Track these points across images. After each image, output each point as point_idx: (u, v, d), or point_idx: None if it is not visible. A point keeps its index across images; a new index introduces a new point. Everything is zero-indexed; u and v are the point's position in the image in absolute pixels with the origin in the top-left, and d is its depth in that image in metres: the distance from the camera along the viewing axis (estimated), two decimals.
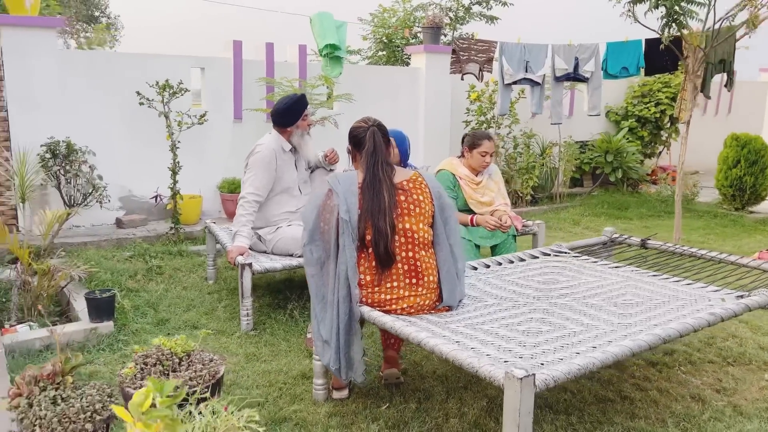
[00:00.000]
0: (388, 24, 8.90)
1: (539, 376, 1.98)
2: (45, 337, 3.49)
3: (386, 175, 2.74)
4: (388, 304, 2.67)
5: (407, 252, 2.69)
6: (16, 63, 5.62)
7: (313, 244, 2.72)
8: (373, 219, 2.64)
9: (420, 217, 2.74)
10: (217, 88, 6.74)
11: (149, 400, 1.15)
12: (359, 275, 2.65)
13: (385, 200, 2.67)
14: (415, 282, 2.70)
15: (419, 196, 2.77)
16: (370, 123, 2.88)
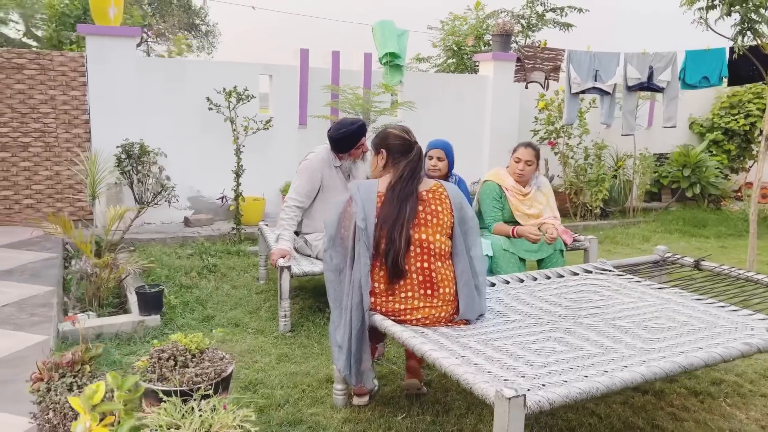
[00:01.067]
0: (458, 32, 8.85)
1: (532, 397, 1.92)
2: (97, 326, 3.72)
3: (416, 189, 2.75)
4: (403, 313, 2.67)
5: (422, 263, 2.68)
6: (98, 69, 6.04)
7: (333, 249, 2.76)
8: (389, 229, 2.65)
9: (437, 228, 2.72)
10: (284, 95, 6.95)
11: (100, 393, 1.22)
12: (374, 284, 2.67)
13: (405, 212, 2.68)
14: (430, 293, 2.68)
15: (437, 206, 2.75)
16: (414, 139, 2.90)
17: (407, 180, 2.74)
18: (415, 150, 2.83)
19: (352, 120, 4.23)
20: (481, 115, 8.21)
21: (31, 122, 5.96)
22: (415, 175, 2.77)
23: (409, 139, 2.88)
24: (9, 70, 5.81)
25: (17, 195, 6.03)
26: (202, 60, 6.30)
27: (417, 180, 2.77)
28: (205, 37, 24.87)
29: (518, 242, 4.24)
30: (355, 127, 4.12)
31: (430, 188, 2.81)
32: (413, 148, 2.84)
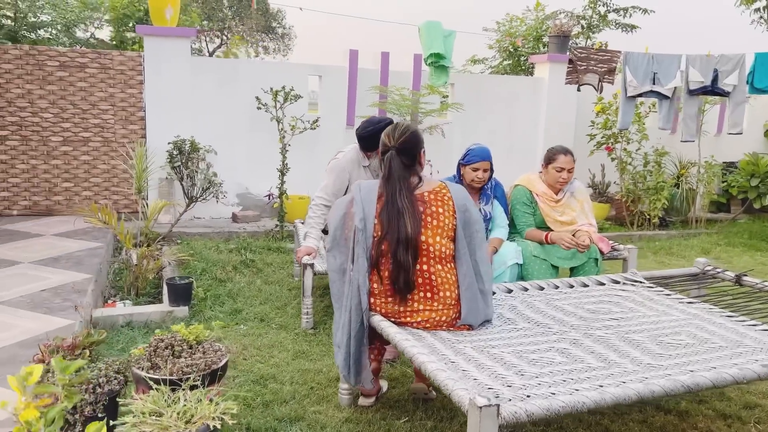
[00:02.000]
0: (515, 33, 8.68)
1: (509, 408, 1.85)
2: (127, 314, 3.87)
3: (408, 202, 2.60)
4: (403, 315, 2.63)
5: (422, 265, 2.61)
6: (154, 68, 6.29)
7: (337, 249, 2.73)
8: (393, 246, 2.55)
9: (438, 230, 2.63)
10: (333, 95, 7.02)
11: (36, 375, 1.26)
12: (373, 285, 2.63)
13: (406, 228, 2.55)
14: (430, 296, 2.62)
15: (439, 208, 2.66)
16: (392, 143, 2.69)
17: (393, 192, 2.60)
18: (385, 157, 2.67)
19: (380, 118, 4.21)
20: (535, 118, 8.01)
21: (91, 118, 6.28)
22: (398, 185, 2.60)
23: (386, 142, 2.71)
24: (72, 69, 6.14)
25: (77, 187, 6.36)
26: (254, 60, 6.48)
27: (404, 187, 2.61)
28: (281, 40, 25.49)
29: (551, 249, 4.09)
30: (382, 125, 4.08)
31: (432, 189, 2.71)
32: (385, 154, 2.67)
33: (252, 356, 3.52)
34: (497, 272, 3.96)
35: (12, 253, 4.67)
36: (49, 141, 6.19)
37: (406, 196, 2.61)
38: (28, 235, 5.31)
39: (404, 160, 2.68)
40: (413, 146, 2.73)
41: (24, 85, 6.04)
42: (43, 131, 6.15)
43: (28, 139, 6.13)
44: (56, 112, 6.16)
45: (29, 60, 6.01)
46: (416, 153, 2.75)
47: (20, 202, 6.18)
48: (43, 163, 6.21)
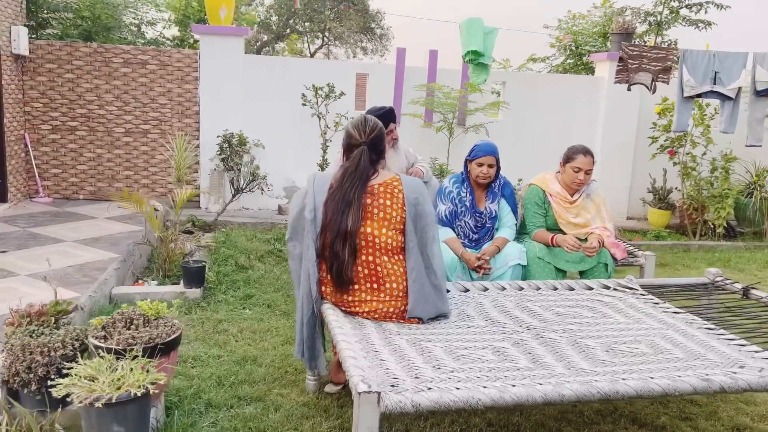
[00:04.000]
0: (578, 31, 8.38)
1: (393, 397, 1.86)
2: (143, 292, 4.15)
3: (357, 197, 2.62)
4: (352, 305, 2.67)
5: (367, 256, 2.62)
6: (209, 65, 6.65)
7: (296, 239, 2.78)
8: (332, 240, 2.59)
9: (384, 222, 2.64)
10: (379, 93, 7.09)
11: None
12: (324, 274, 2.68)
13: (347, 222, 2.58)
14: (376, 287, 2.64)
15: (387, 200, 2.66)
16: (363, 138, 2.72)
17: (347, 186, 2.62)
18: (354, 153, 2.70)
19: (381, 106, 4.30)
20: (593, 119, 7.71)
21: (151, 111, 6.74)
22: (356, 179, 2.63)
23: (357, 137, 2.72)
24: (135, 65, 6.61)
25: (136, 175, 6.84)
26: (303, 59, 6.73)
27: (360, 184, 2.63)
28: (378, 40, 25.92)
29: (559, 252, 3.97)
30: (381, 112, 4.17)
31: (384, 182, 2.70)
32: (357, 147, 2.70)
33: (245, 339, 3.68)
34: (498, 272, 3.89)
35: (62, 233, 5.12)
36: (113, 132, 6.70)
37: (357, 189, 2.63)
38: (84, 218, 5.79)
39: (373, 156, 2.72)
40: (380, 141, 2.77)
41: (92, 81, 6.57)
42: (108, 123, 6.67)
43: (94, 130, 6.67)
44: (120, 106, 6.66)
45: (97, 57, 6.54)
46: (382, 148, 2.79)
47: (86, 188, 6.74)
48: (107, 152, 6.73)
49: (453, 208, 4.02)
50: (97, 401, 2.10)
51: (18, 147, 6.35)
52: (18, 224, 5.36)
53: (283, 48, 27.79)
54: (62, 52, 6.48)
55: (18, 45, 6.10)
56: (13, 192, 6.20)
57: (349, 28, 26.28)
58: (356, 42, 26.89)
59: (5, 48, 5.99)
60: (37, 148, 6.59)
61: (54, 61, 6.47)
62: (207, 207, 6.83)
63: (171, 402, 2.80)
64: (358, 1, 25.07)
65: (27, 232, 5.09)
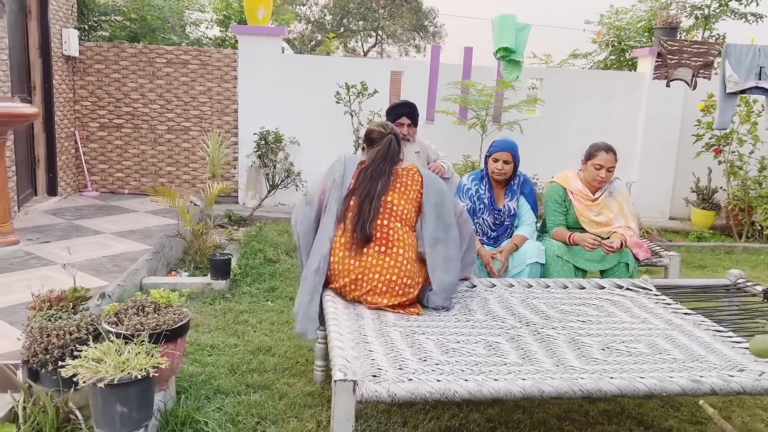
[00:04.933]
0: (621, 26, 8.16)
1: (370, 386, 1.91)
2: (171, 283, 4.33)
3: (389, 171, 2.97)
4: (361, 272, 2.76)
5: (382, 220, 2.83)
6: (247, 64, 6.83)
7: (312, 205, 3.01)
8: (359, 199, 2.87)
9: (403, 195, 2.91)
10: (414, 91, 7.12)
11: None
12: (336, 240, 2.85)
13: (377, 187, 2.89)
14: (384, 251, 2.77)
15: (408, 180, 2.97)
16: (388, 130, 3.12)
17: (380, 161, 2.98)
18: (385, 139, 3.05)
19: (403, 100, 4.55)
20: (635, 115, 7.52)
21: (192, 110, 6.97)
22: (387, 158, 2.99)
23: (383, 131, 3.12)
24: (177, 65, 6.86)
25: (178, 171, 7.10)
26: (338, 57, 6.86)
27: (390, 162, 2.99)
28: (431, 38, 25.94)
29: (578, 250, 3.92)
30: (395, 104, 4.54)
31: (406, 167, 3.05)
32: (384, 137, 3.06)
33: (263, 330, 3.79)
34: (516, 270, 3.89)
35: (103, 225, 5.38)
36: (156, 129, 6.97)
37: (388, 164, 2.99)
38: (125, 211, 6.06)
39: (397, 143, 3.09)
40: (399, 139, 3.14)
41: (137, 80, 6.85)
42: (152, 120, 6.94)
43: (139, 127, 6.95)
44: (162, 104, 6.92)
45: (142, 57, 6.82)
46: (400, 148, 3.14)
47: (131, 183, 7.04)
48: (150, 149, 7.01)
49: (471, 205, 4.03)
50: (100, 382, 2.23)
51: (68, 143, 6.70)
52: (64, 216, 5.66)
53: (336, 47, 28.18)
54: (110, 53, 6.78)
55: (69, 47, 6.43)
56: (63, 186, 6.54)
57: (402, 26, 26.37)
58: (409, 40, 26.97)
59: (57, 50, 6.32)
60: (85, 144, 6.92)
61: (102, 61, 6.78)
62: (244, 202, 7.02)
63: (182, 387, 2.92)
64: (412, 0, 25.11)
65: (71, 224, 5.36)
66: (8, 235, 4.56)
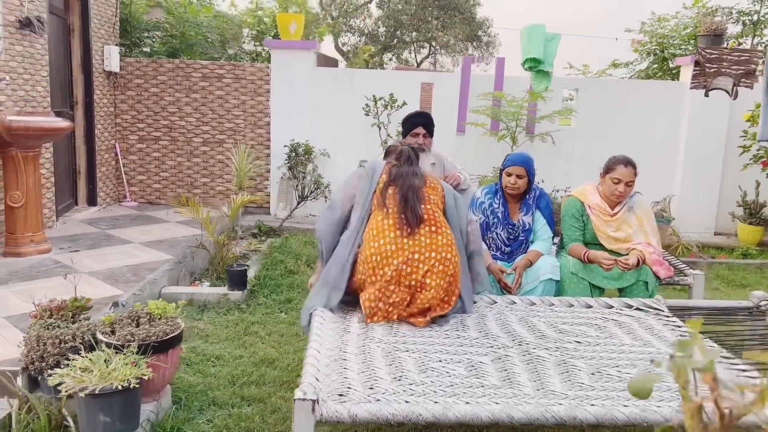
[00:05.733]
0: (664, 34, 7.88)
1: (330, 406, 1.88)
2: (189, 293, 4.42)
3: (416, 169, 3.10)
4: (417, 251, 2.78)
5: (425, 205, 2.92)
6: (279, 77, 6.94)
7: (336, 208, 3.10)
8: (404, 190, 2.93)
9: (434, 206, 2.96)
10: (445, 102, 7.07)
11: None
12: (382, 221, 2.88)
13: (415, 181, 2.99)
14: (434, 230, 2.84)
15: (430, 193, 3.02)
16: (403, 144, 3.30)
17: (405, 162, 3.09)
18: (402, 150, 3.18)
19: (418, 110, 4.51)
20: (676, 126, 7.23)
21: (226, 122, 7.13)
22: (410, 161, 3.11)
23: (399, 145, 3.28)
24: (212, 79, 7.03)
25: (213, 182, 7.26)
26: (368, 70, 6.89)
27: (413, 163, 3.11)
28: (485, 48, 25.80)
29: (594, 267, 3.77)
30: (411, 113, 4.54)
31: (425, 177, 3.10)
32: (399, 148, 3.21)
33: (271, 342, 3.81)
34: (529, 287, 3.77)
35: (133, 235, 5.54)
36: (192, 142, 7.16)
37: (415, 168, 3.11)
38: (158, 221, 6.23)
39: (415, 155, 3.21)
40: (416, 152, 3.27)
41: (174, 94, 7.06)
42: (188, 133, 7.13)
43: (175, 140, 7.15)
44: (198, 117, 7.10)
45: (179, 72, 7.02)
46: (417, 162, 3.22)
47: (168, 193, 7.24)
48: (186, 161, 7.20)
49: (485, 220, 3.95)
50: (82, 391, 2.28)
51: (108, 155, 6.95)
52: (99, 226, 5.86)
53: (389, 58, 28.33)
54: (148, 68, 7.02)
55: (109, 63, 6.69)
56: (102, 196, 6.79)
57: (455, 36, 26.31)
58: (462, 50, 26.87)
59: (98, 66, 6.59)
60: (125, 156, 7.17)
61: (141, 76, 7.03)
62: (276, 213, 7.11)
63: (178, 397, 2.96)
64: (465, 10, 25.05)
65: (104, 234, 5.55)
66: (41, 244, 4.76)
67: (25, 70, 5.18)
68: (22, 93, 5.13)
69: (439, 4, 24.48)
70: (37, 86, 5.38)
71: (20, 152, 4.53)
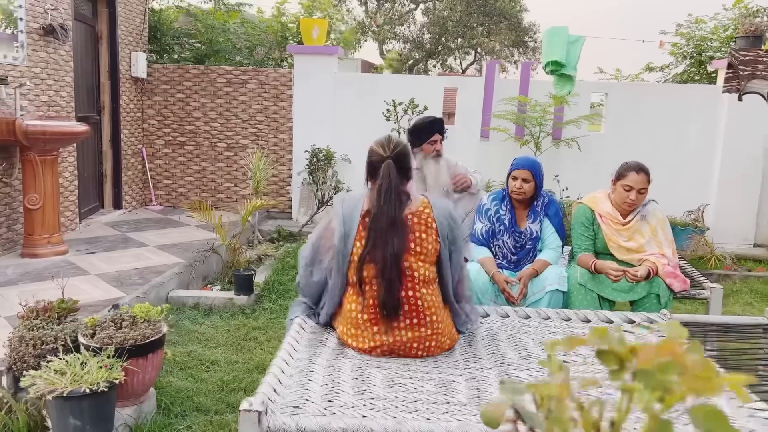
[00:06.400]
0: (702, 36, 7.56)
1: (278, 417, 1.82)
2: (196, 296, 4.43)
3: (398, 214, 2.42)
4: (396, 346, 2.42)
5: (407, 291, 2.40)
6: (302, 83, 6.96)
7: (314, 266, 2.63)
8: (380, 266, 2.38)
9: (421, 256, 2.45)
10: (469, 108, 6.95)
11: None
12: (357, 315, 2.45)
13: (393, 246, 2.37)
14: (416, 322, 2.40)
15: (422, 234, 2.45)
16: (388, 153, 2.52)
17: (387, 206, 2.40)
18: (381, 168, 2.46)
19: (430, 116, 4.34)
20: (712, 131, 6.91)
21: (249, 128, 7.18)
22: (392, 197, 2.41)
23: (383, 153, 2.51)
24: (236, 84, 7.10)
25: (236, 187, 7.32)
26: (391, 75, 6.85)
27: (397, 202, 2.42)
28: (532, 53, 25.54)
29: (604, 278, 3.60)
30: (429, 120, 4.22)
31: (416, 211, 2.49)
32: (381, 164, 2.47)
33: (269, 348, 3.78)
34: (534, 298, 3.64)
35: (150, 238, 5.62)
36: (216, 147, 7.24)
37: (397, 206, 2.42)
38: (178, 225, 6.31)
39: (400, 170, 2.53)
40: (405, 157, 2.58)
41: (199, 99, 7.16)
42: (212, 138, 7.22)
43: (200, 145, 7.25)
44: (222, 122, 7.18)
45: (204, 78, 7.12)
46: (408, 166, 2.60)
47: (192, 198, 7.33)
48: (210, 165, 7.29)
49: (490, 227, 3.84)
50: (50, 394, 2.28)
51: (135, 160, 7.09)
52: (120, 229, 5.97)
53: (433, 65, 28.29)
54: (174, 74, 7.14)
55: (136, 69, 6.83)
56: (128, 200, 6.92)
57: (500, 42, 26.10)
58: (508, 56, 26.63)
59: (125, 72, 6.73)
60: (152, 160, 7.30)
61: (167, 82, 7.15)
62: (297, 218, 7.11)
63: (163, 402, 2.95)
64: (511, 16, 24.83)
65: (123, 236, 5.65)
66: (58, 246, 4.87)
67: (49, 76, 5.32)
68: (45, 98, 5.27)
69: (485, 10, 24.33)
70: (60, 92, 5.52)
71: (38, 156, 4.64)
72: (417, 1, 26.22)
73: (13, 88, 4.73)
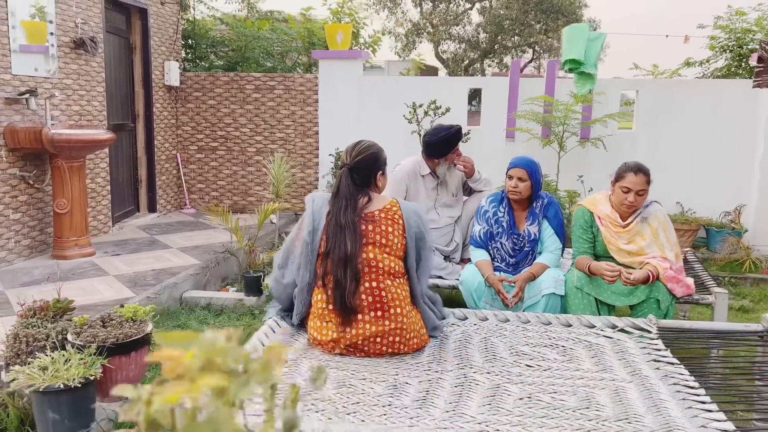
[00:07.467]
0: (744, 29, 7.20)
1: None
2: (208, 297, 4.58)
3: (350, 220, 2.54)
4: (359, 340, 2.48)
5: (371, 282, 2.51)
6: (327, 87, 7.05)
7: (286, 267, 2.75)
8: (334, 266, 2.51)
9: (386, 249, 2.55)
10: (493, 108, 6.88)
11: None
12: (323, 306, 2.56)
13: (346, 248, 2.49)
14: (380, 315, 2.48)
15: (388, 227, 2.58)
16: (347, 160, 2.71)
17: (337, 210, 2.56)
18: (342, 172, 2.66)
19: (450, 125, 4.26)
20: (752, 128, 6.58)
21: (277, 132, 7.34)
22: (342, 202, 2.57)
23: (344, 158, 2.74)
24: (264, 90, 7.27)
25: (265, 190, 7.49)
26: (414, 77, 6.85)
27: (351, 208, 2.56)
28: None
29: (602, 282, 3.52)
30: (452, 131, 4.14)
31: (383, 207, 2.63)
32: (342, 168, 2.67)
33: None
34: (531, 301, 3.60)
35: (175, 240, 5.83)
36: (246, 151, 7.44)
37: (350, 213, 2.56)
38: (206, 227, 6.52)
39: (356, 179, 2.67)
40: (368, 166, 2.72)
41: (230, 105, 7.37)
42: (242, 143, 7.42)
43: (231, 150, 7.46)
44: (252, 128, 7.37)
45: (233, 84, 7.32)
46: (370, 174, 2.72)
47: (224, 201, 7.55)
48: (241, 170, 7.49)
49: (488, 229, 3.81)
50: (29, 389, 2.42)
51: (169, 165, 7.36)
52: (150, 231, 6.22)
53: (488, 65, 28.02)
54: (206, 82, 7.38)
55: (169, 77, 7.10)
56: (162, 204, 7.20)
57: (558, 39, 25.64)
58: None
59: (158, 80, 7.01)
60: (186, 165, 7.56)
61: (200, 89, 7.39)
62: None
63: None
64: (569, 13, 24.36)
65: (151, 239, 5.88)
66: (85, 248, 5.12)
67: (81, 86, 5.61)
68: (77, 108, 5.56)
69: (542, 7, 23.94)
70: (92, 101, 5.80)
71: (65, 163, 4.91)
72: (473, 1, 26.02)
73: (43, 99, 5.02)
